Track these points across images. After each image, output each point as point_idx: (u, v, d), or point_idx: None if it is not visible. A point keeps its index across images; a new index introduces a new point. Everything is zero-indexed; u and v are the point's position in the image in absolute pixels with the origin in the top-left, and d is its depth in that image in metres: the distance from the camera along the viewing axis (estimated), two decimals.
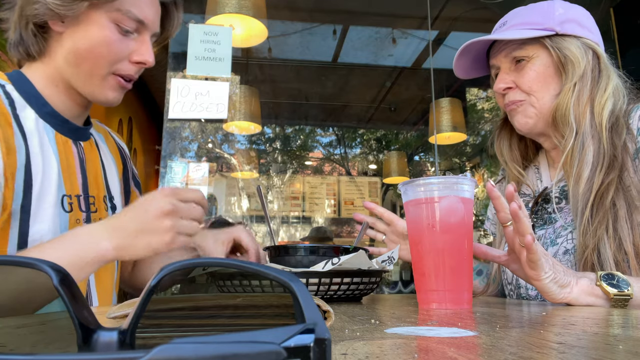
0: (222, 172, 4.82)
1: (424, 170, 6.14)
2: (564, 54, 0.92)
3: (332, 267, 0.77)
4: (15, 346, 0.30)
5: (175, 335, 0.27)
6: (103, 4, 0.79)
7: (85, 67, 0.82)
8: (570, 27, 0.93)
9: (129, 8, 0.81)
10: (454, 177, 0.67)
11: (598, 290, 0.71)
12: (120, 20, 0.81)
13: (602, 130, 0.87)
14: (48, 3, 0.77)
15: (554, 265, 0.71)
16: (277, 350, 0.13)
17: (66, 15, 0.78)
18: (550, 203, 0.98)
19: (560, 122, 0.92)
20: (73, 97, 0.87)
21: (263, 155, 5.48)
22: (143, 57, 0.85)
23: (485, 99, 5.39)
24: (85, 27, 0.80)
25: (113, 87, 0.86)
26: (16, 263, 0.22)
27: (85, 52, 0.81)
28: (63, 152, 0.86)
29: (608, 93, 0.90)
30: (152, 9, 0.86)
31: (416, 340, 0.33)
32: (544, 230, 0.97)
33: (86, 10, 0.79)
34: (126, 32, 0.83)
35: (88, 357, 0.14)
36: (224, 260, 0.22)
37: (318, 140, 6.40)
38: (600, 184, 0.84)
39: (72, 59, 0.82)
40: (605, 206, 0.83)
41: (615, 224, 0.82)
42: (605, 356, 0.26)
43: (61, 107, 0.87)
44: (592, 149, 0.87)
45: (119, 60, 0.84)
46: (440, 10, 3.57)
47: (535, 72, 0.94)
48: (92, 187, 0.92)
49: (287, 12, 3.56)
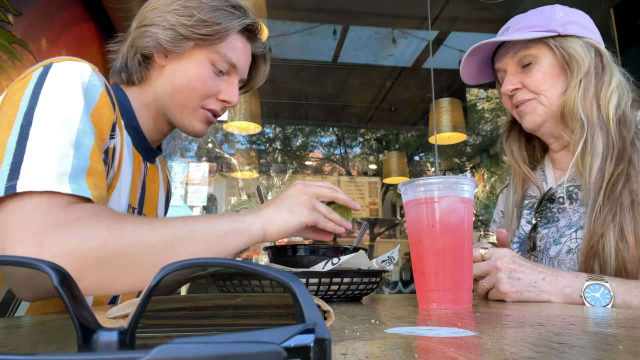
0: (222, 172, 4.82)
1: (424, 170, 6.14)
2: (568, 53, 0.94)
3: (332, 267, 0.77)
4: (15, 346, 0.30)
5: (175, 335, 0.27)
6: (207, 45, 0.89)
7: (179, 98, 0.90)
8: (572, 29, 0.96)
9: (226, 52, 0.91)
10: (454, 177, 0.67)
11: (578, 299, 0.77)
12: (216, 61, 0.90)
13: (610, 123, 0.90)
14: (159, 39, 0.87)
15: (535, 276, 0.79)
16: (277, 350, 0.13)
17: (172, 51, 0.88)
18: (554, 203, 0.99)
19: (569, 117, 0.94)
20: (159, 123, 0.96)
21: (263, 155, 5.49)
22: (229, 97, 0.94)
23: (486, 99, 5.39)
24: (186, 63, 0.89)
25: (201, 120, 0.94)
26: (16, 263, 0.22)
27: (182, 85, 0.90)
28: (135, 165, 0.92)
29: (612, 87, 0.92)
30: (244, 57, 0.96)
31: (416, 340, 0.33)
32: (547, 230, 0.98)
33: (190, 49, 0.89)
34: (219, 72, 0.92)
35: (88, 357, 0.14)
36: (224, 260, 0.22)
37: (318, 140, 6.40)
38: (611, 174, 0.87)
39: (169, 90, 0.90)
40: (615, 195, 0.86)
41: (633, 210, 0.85)
42: (605, 356, 0.26)
43: (145, 128, 0.94)
44: (601, 140, 0.90)
45: (209, 97, 0.92)
46: (440, 10, 3.57)
47: (542, 72, 0.96)
48: (146, 206, 0.98)
49: (287, 12, 3.56)
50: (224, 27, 0.88)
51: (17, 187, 0.59)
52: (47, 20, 3.16)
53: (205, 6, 0.88)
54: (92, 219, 0.61)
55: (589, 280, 0.78)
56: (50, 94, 0.68)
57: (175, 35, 0.87)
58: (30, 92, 0.68)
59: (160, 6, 0.89)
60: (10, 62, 2.71)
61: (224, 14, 0.89)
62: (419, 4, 3.40)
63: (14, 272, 0.27)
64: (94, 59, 3.98)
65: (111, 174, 0.81)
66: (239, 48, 0.94)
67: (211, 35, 0.88)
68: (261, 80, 1.08)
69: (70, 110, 0.68)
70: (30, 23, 2.95)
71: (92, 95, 0.73)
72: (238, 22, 0.91)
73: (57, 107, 0.67)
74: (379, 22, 3.84)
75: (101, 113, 0.74)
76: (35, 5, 3.00)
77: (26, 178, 0.60)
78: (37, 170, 0.61)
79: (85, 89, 0.72)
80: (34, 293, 0.59)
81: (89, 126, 0.70)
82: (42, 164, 0.62)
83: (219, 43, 0.90)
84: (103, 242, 0.60)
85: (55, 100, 0.68)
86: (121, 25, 3.78)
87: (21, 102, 0.67)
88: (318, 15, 3.73)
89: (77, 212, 0.61)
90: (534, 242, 0.99)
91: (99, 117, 0.74)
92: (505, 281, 0.79)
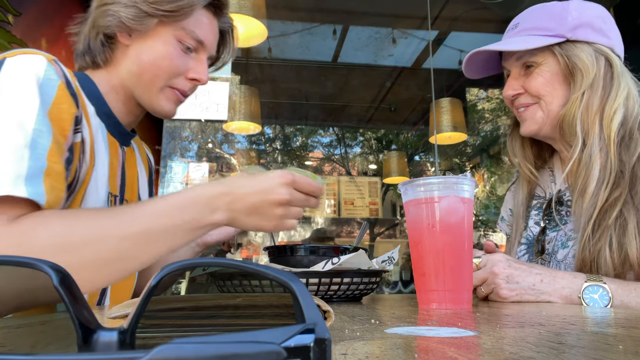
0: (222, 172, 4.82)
1: (424, 170, 6.14)
2: (573, 62, 0.90)
3: (332, 267, 0.77)
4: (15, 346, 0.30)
5: (175, 335, 0.27)
6: (171, 22, 0.86)
7: (146, 78, 0.88)
8: (582, 33, 0.91)
9: (192, 28, 0.88)
10: (454, 177, 0.67)
11: (577, 300, 0.77)
12: (183, 38, 0.88)
13: (611, 144, 0.86)
14: (121, 17, 0.83)
15: (533, 278, 0.79)
16: (277, 350, 0.13)
17: (136, 29, 0.85)
18: (563, 205, 0.97)
19: (568, 131, 0.91)
20: (130, 105, 0.93)
21: (263, 155, 5.48)
22: (198, 75, 0.91)
23: (486, 99, 5.38)
24: (151, 42, 0.87)
25: (169, 99, 0.91)
26: (16, 263, 0.22)
27: (148, 64, 0.87)
28: (111, 152, 0.90)
29: (618, 103, 0.87)
30: (212, 33, 0.93)
31: (416, 340, 0.33)
32: (555, 233, 0.96)
33: (155, 27, 0.86)
34: (187, 50, 0.89)
35: (88, 357, 0.14)
36: (224, 260, 0.22)
37: (318, 140, 6.40)
38: (605, 200, 0.84)
39: (135, 70, 0.87)
40: (606, 223, 0.83)
41: (622, 237, 0.82)
42: (605, 356, 0.26)
43: (117, 112, 0.91)
44: (599, 162, 0.86)
45: (177, 75, 0.90)
46: (440, 10, 3.56)
47: (543, 77, 0.93)
48: (127, 191, 0.96)
49: (287, 12, 3.56)
50: (188, 3, 0.86)
51: None
52: (46, 20, 3.16)
53: None
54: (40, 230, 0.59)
55: (587, 281, 0.77)
56: (3, 93, 0.66)
57: (137, 13, 0.83)
58: None
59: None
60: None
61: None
62: (419, 4, 3.40)
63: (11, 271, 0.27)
64: None
65: (84, 168, 0.79)
66: (205, 24, 0.91)
67: (175, 12, 0.85)
68: (231, 55, 1.05)
69: (24, 110, 0.65)
70: (30, 23, 2.94)
71: (48, 90, 0.70)
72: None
73: (10, 107, 0.65)
74: (379, 22, 3.83)
75: (60, 109, 0.71)
76: (35, 6, 3.00)
77: None
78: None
79: (41, 84, 0.69)
80: (27, 288, 0.58)
81: (46, 125, 0.67)
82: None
83: (185, 19, 0.87)
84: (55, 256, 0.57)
85: (8, 99, 0.66)
86: None
87: None
88: (318, 15, 3.73)
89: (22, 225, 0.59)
90: (542, 246, 0.97)
91: (58, 113, 0.71)
92: (504, 286, 0.79)
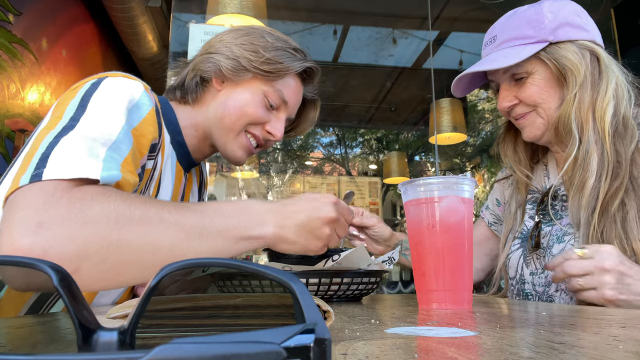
0: (222, 172, 4.82)
1: (424, 171, 6.14)
2: (562, 64, 0.89)
3: (333, 264, 0.77)
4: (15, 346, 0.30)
5: (175, 335, 0.27)
6: (263, 79, 0.93)
7: (228, 121, 0.93)
8: (563, 33, 0.91)
9: (280, 88, 0.95)
10: (454, 177, 0.67)
11: None
12: (269, 94, 0.94)
13: (605, 137, 0.86)
14: (221, 66, 0.91)
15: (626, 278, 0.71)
16: (277, 351, 0.13)
17: (230, 79, 0.93)
18: (557, 200, 0.97)
19: (564, 131, 0.91)
20: (204, 145, 0.98)
21: (263, 155, 5.48)
22: (274, 130, 0.96)
23: (486, 100, 5.38)
24: (241, 90, 0.94)
25: (242, 146, 0.96)
26: (16, 263, 0.22)
27: (233, 108, 0.93)
28: (177, 178, 0.94)
29: (609, 96, 0.88)
30: (295, 97, 1.00)
31: (416, 340, 0.33)
32: (550, 227, 0.96)
33: (247, 79, 0.93)
34: (270, 106, 0.95)
35: (88, 357, 0.14)
36: (223, 260, 0.22)
37: (318, 140, 6.40)
38: (606, 192, 0.83)
39: (219, 112, 0.93)
40: (610, 213, 0.82)
41: (624, 224, 0.81)
42: (605, 356, 0.26)
43: (189, 146, 0.97)
44: (595, 156, 0.86)
45: (256, 123, 0.96)
46: (441, 11, 3.57)
47: (537, 86, 0.92)
48: None
49: (287, 12, 3.56)
50: (285, 67, 0.94)
51: (44, 175, 0.56)
52: (47, 20, 3.16)
53: (270, 46, 0.93)
54: (98, 201, 0.57)
55: None
56: (97, 105, 0.69)
57: (237, 65, 0.91)
58: (79, 100, 0.69)
59: (228, 39, 0.94)
60: (11, 62, 2.71)
61: (286, 55, 0.94)
62: (419, 4, 3.40)
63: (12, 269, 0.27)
64: (94, 58, 3.98)
65: (146, 194, 0.82)
66: (292, 87, 0.98)
67: (271, 72, 0.93)
68: (309, 125, 1.13)
69: (112, 123, 0.68)
70: (31, 23, 2.95)
71: (139, 112, 0.75)
72: (299, 64, 0.96)
73: (100, 117, 0.68)
74: (379, 22, 3.83)
75: (144, 130, 0.75)
76: (35, 5, 3.00)
77: (53, 166, 0.57)
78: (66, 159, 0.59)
79: (134, 106, 0.74)
80: (27, 287, 0.57)
81: (128, 138, 0.70)
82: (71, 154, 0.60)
83: (276, 80, 0.94)
84: (108, 229, 0.56)
85: (100, 111, 0.69)
86: (121, 25, 3.78)
87: (68, 107, 0.68)
88: (318, 15, 3.73)
89: (82, 192, 0.57)
90: (536, 241, 0.97)
91: (142, 131, 0.75)
92: (614, 286, 0.70)
